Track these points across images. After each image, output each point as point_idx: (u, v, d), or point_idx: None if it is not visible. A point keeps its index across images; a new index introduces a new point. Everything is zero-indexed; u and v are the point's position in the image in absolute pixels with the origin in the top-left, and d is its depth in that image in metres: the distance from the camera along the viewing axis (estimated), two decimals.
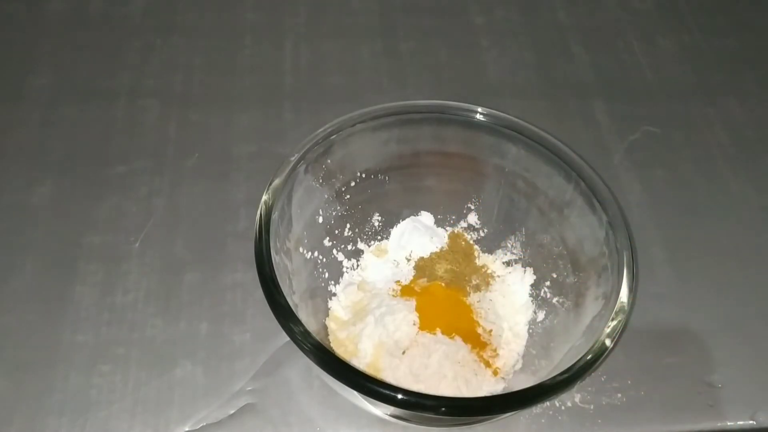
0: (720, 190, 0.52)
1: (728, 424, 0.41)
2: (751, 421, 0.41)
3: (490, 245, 0.46)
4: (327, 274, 0.44)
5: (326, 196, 0.43)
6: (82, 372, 0.41)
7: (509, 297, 0.44)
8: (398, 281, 0.44)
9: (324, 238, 0.44)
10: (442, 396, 0.37)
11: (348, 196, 0.44)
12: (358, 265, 0.45)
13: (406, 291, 0.43)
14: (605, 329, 0.35)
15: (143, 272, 0.45)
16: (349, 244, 0.45)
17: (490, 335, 0.41)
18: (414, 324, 0.40)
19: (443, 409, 0.32)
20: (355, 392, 0.33)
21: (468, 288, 0.44)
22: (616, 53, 0.61)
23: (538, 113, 0.55)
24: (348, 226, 0.45)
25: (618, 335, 0.35)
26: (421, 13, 0.63)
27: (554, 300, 0.42)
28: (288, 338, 0.34)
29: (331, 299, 0.44)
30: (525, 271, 0.44)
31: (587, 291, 0.39)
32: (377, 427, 0.39)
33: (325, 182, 0.42)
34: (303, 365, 0.41)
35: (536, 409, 0.41)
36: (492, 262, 0.45)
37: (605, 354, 0.34)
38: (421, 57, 0.60)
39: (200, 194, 0.49)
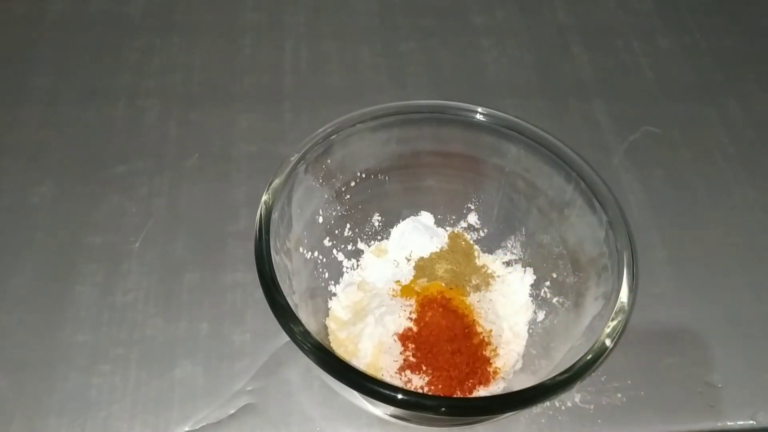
0: (720, 190, 0.52)
1: (728, 424, 0.41)
2: (751, 421, 0.41)
3: (490, 245, 0.46)
4: (327, 274, 0.44)
5: (326, 196, 0.43)
6: (82, 372, 0.41)
7: (509, 297, 0.44)
8: (398, 281, 0.44)
9: (324, 238, 0.44)
10: (442, 396, 0.37)
11: (348, 196, 0.44)
12: (358, 265, 0.46)
13: (406, 291, 0.43)
14: (605, 329, 0.35)
15: (143, 272, 0.45)
16: (349, 244, 0.45)
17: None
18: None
19: (443, 409, 0.32)
20: (355, 392, 0.33)
21: (468, 288, 0.44)
22: (616, 53, 0.61)
23: (538, 113, 0.55)
24: (348, 226, 0.45)
25: (618, 335, 0.35)
26: (421, 13, 0.63)
27: (554, 300, 0.42)
28: (288, 338, 0.34)
29: (331, 299, 0.44)
30: (525, 271, 0.44)
31: (587, 291, 0.39)
32: (377, 427, 0.40)
33: (325, 182, 0.42)
34: (303, 365, 0.41)
35: (536, 409, 0.41)
36: (492, 262, 0.45)
37: (605, 354, 0.34)
38: (421, 57, 0.60)
39: (200, 194, 0.49)
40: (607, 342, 0.34)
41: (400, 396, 0.31)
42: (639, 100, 0.58)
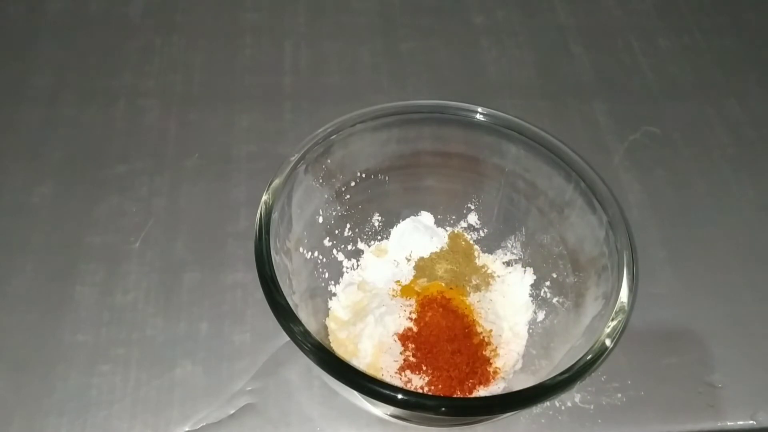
0: (720, 190, 0.52)
1: (728, 424, 0.41)
2: (751, 421, 0.41)
3: (490, 245, 0.46)
4: (327, 274, 0.44)
5: (326, 196, 0.43)
6: (82, 372, 0.41)
7: (509, 297, 0.44)
8: (398, 281, 0.44)
9: (324, 238, 0.44)
10: (442, 396, 0.37)
11: (348, 196, 0.44)
12: (358, 265, 0.46)
13: (406, 291, 0.43)
14: (605, 329, 0.35)
15: (143, 272, 0.45)
16: (349, 244, 0.45)
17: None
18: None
19: (443, 409, 0.32)
20: (355, 392, 0.33)
21: (468, 288, 0.44)
22: (616, 53, 0.61)
23: (538, 113, 0.55)
24: (348, 226, 0.45)
25: (618, 335, 0.35)
26: (421, 13, 0.63)
27: (554, 300, 0.42)
28: (288, 338, 0.34)
29: (331, 299, 0.44)
30: (525, 271, 0.44)
31: (587, 291, 0.39)
32: (377, 427, 0.40)
33: (325, 182, 0.42)
34: (303, 365, 0.41)
35: (536, 409, 0.41)
36: (492, 262, 0.45)
37: (605, 354, 0.34)
38: (421, 57, 0.60)
39: (200, 194, 0.49)
40: (607, 342, 0.34)
41: (400, 396, 0.31)
42: (639, 100, 0.58)
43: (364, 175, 0.44)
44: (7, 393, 0.40)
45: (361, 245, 0.46)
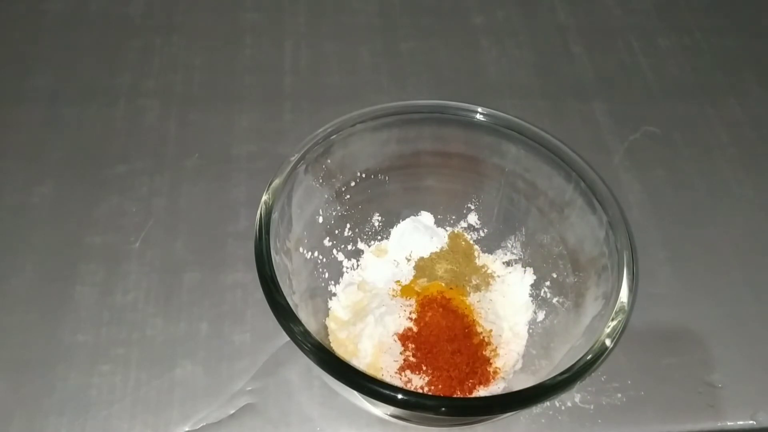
0: (720, 190, 0.52)
1: (728, 424, 0.41)
2: (751, 421, 0.41)
3: (490, 245, 0.46)
4: (327, 274, 0.44)
5: (326, 196, 0.43)
6: (82, 372, 0.41)
7: (509, 297, 0.44)
8: (398, 281, 0.44)
9: (324, 238, 0.44)
10: (442, 396, 0.37)
11: (348, 196, 0.44)
12: (358, 265, 0.46)
13: (406, 291, 0.43)
14: (605, 329, 0.35)
15: (143, 272, 0.45)
16: (349, 244, 0.45)
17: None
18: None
19: (443, 409, 0.32)
20: (355, 392, 0.33)
21: (468, 288, 0.44)
22: (616, 53, 0.61)
23: (538, 113, 0.55)
24: (348, 226, 0.45)
25: (618, 335, 0.35)
26: (421, 13, 0.63)
27: (554, 300, 0.42)
28: (288, 338, 0.34)
29: (331, 299, 0.44)
30: (525, 271, 0.44)
31: (587, 291, 0.39)
32: (377, 427, 0.40)
33: (325, 182, 0.42)
34: (303, 365, 0.41)
35: (536, 409, 0.41)
36: (492, 262, 0.46)
37: (605, 354, 0.34)
38: (421, 57, 0.60)
39: (200, 194, 0.49)
40: (607, 342, 0.34)
41: (400, 396, 0.31)
42: (639, 100, 0.58)
43: (364, 175, 0.44)
44: (7, 393, 0.40)
45: (361, 245, 0.46)
